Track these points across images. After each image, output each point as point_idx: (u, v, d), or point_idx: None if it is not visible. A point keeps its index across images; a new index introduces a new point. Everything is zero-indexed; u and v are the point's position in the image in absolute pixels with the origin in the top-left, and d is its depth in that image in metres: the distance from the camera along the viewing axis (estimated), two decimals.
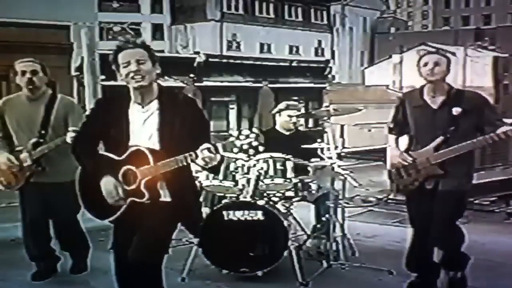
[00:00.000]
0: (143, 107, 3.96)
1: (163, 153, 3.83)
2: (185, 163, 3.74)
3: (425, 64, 5.01)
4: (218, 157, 3.71)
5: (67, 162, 5.33)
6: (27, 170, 5.43)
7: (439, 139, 4.98)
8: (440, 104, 5.02)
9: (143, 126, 3.93)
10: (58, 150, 5.32)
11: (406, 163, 5.13)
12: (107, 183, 3.93)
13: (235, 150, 3.67)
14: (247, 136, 3.64)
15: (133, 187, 3.87)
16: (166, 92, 4.05)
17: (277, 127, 6.84)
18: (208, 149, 3.64)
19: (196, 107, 4.09)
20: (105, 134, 3.99)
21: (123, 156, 3.89)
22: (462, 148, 4.90)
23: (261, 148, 3.71)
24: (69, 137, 5.11)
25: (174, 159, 3.75)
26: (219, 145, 3.68)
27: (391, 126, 5.38)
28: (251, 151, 3.67)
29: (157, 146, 3.87)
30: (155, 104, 3.96)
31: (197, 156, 3.68)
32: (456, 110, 4.93)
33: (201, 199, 6.00)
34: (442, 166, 4.98)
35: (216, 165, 3.85)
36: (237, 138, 3.63)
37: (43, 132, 5.39)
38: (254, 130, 3.71)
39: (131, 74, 3.87)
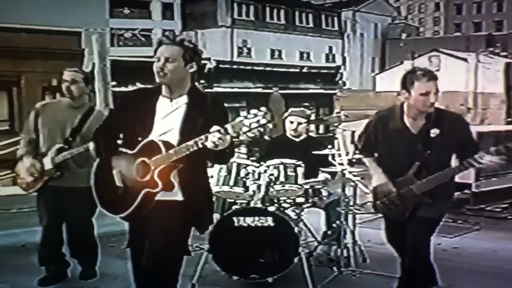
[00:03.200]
0: (171, 100, 4.00)
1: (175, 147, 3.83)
2: (196, 148, 3.71)
3: (425, 94, 4.45)
4: (228, 138, 3.68)
5: (85, 168, 5.39)
6: (46, 174, 5.48)
7: (416, 165, 4.58)
8: (420, 129, 4.60)
9: (168, 118, 3.97)
10: (79, 157, 5.38)
11: (389, 195, 4.75)
12: (118, 162, 3.98)
13: (244, 129, 3.61)
14: (256, 115, 3.62)
15: (147, 178, 3.85)
16: (197, 90, 4.12)
17: (287, 133, 6.83)
18: (218, 131, 3.63)
19: (223, 109, 4.11)
20: (129, 125, 4.02)
21: (136, 149, 3.92)
22: (445, 175, 4.52)
23: (270, 125, 3.66)
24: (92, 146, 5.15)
25: (185, 144, 3.75)
26: (229, 126, 3.65)
27: (362, 145, 5.03)
28: (261, 129, 3.62)
29: (176, 139, 3.88)
30: (184, 99, 4.00)
31: (207, 139, 3.66)
32: (434, 132, 4.53)
33: None
34: (430, 195, 4.58)
35: (226, 153, 3.84)
36: (246, 117, 3.62)
37: (70, 139, 5.47)
38: (263, 108, 3.67)
39: (157, 70, 3.94)
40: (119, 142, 4.09)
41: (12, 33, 13.49)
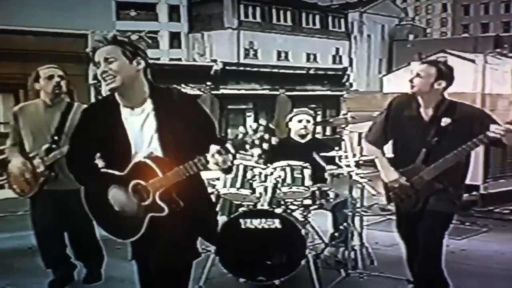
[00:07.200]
0: (133, 109, 3.67)
1: (167, 160, 3.60)
2: (195, 169, 3.52)
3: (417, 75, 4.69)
4: (231, 157, 3.47)
5: None
6: (40, 176, 5.40)
7: (423, 152, 4.66)
8: (430, 117, 4.70)
9: (142, 131, 3.66)
10: None
11: (402, 186, 4.78)
12: (115, 195, 3.69)
13: (247, 146, 3.52)
14: (256, 130, 3.52)
15: (148, 202, 3.63)
16: (159, 90, 3.74)
17: (292, 135, 6.80)
18: (218, 152, 3.42)
19: (196, 104, 3.84)
20: (102, 147, 3.72)
21: (126, 171, 3.63)
22: (456, 156, 4.54)
23: (273, 140, 3.57)
24: None
25: (183, 166, 3.51)
26: (229, 145, 3.47)
27: (374, 137, 5.05)
28: (265, 145, 3.51)
29: (159, 152, 3.63)
30: (149, 105, 3.66)
31: (207, 162, 3.46)
32: (444, 121, 4.61)
33: (218, 207, 5.99)
34: (440, 180, 4.62)
35: (229, 168, 3.58)
36: (245, 134, 3.51)
37: (56, 138, 5.37)
38: (261, 121, 3.56)
39: (102, 76, 3.57)
40: (99, 163, 3.75)
41: (20, 36, 13.55)
